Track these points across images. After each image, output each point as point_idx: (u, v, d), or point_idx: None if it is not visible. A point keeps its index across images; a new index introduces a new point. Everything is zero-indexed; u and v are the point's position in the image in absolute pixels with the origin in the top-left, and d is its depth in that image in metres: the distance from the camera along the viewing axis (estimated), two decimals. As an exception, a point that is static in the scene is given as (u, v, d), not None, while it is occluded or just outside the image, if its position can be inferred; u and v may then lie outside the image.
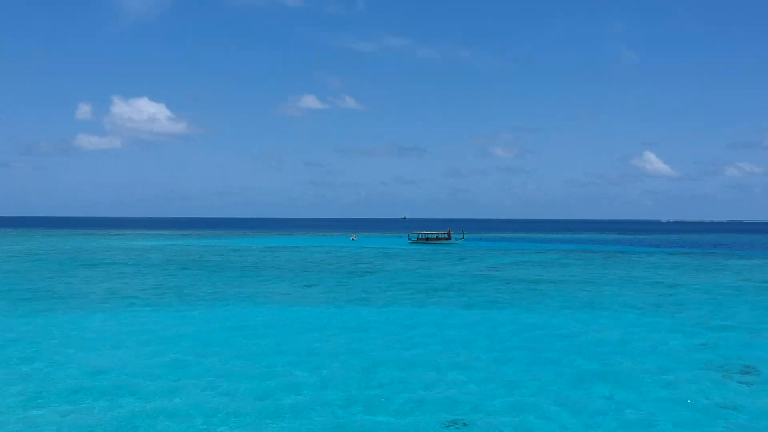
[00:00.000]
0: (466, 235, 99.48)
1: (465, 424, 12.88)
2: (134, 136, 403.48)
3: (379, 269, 47.73)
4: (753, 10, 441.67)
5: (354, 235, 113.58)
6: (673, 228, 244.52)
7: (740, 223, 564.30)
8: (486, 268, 49.05)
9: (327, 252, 70.14)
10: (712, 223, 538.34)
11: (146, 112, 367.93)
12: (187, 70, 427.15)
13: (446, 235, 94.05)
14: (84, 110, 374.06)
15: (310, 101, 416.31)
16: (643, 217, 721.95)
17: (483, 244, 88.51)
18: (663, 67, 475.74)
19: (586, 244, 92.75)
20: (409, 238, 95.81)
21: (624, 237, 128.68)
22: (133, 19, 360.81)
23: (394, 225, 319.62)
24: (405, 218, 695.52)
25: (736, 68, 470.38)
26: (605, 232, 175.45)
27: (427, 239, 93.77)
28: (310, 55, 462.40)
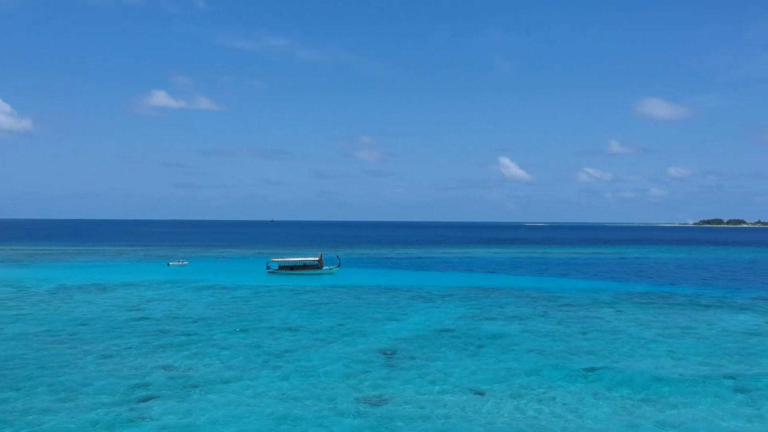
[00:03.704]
0: (341, 261, 78.74)
1: None
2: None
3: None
4: (616, 29, 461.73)
5: (180, 261, 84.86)
6: (558, 235, 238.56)
7: (600, 226, 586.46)
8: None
9: (86, 319, 46.50)
10: (575, 225, 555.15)
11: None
12: (31, 67, 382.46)
13: (317, 263, 72.97)
14: None
15: (162, 99, 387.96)
16: (508, 219, 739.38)
17: (364, 277, 68.18)
18: (530, 76, 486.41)
19: (540, 276, 74.84)
20: (268, 267, 73.77)
21: (567, 253, 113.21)
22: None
23: (261, 229, 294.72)
24: (272, 221, 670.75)
25: (587, 81, 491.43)
26: (509, 244, 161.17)
27: (291, 268, 72.25)
28: (160, 54, 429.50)
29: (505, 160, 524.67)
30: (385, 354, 29.96)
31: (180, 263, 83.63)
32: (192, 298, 50.11)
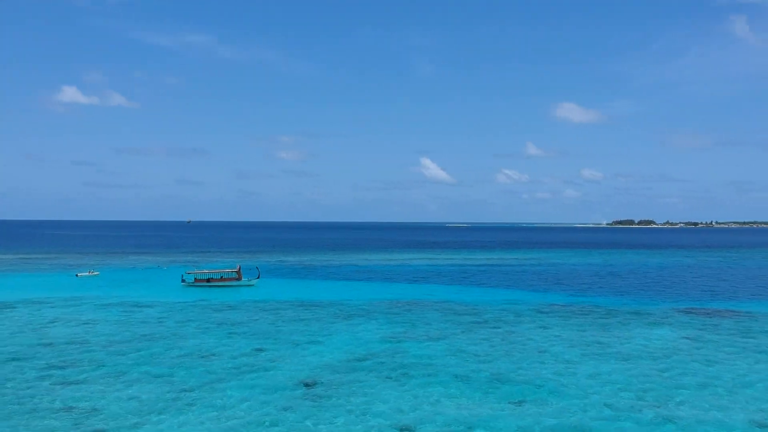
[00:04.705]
0: (260, 272, 76.63)
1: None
2: None
3: None
4: (534, 34, 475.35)
5: (89, 272, 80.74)
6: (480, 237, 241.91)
7: (517, 226, 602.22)
8: None
9: None
10: (494, 226, 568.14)
11: None
12: None
13: (235, 275, 70.67)
14: None
15: (72, 96, 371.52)
16: (430, 220, 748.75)
17: (285, 289, 66.36)
18: (451, 79, 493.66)
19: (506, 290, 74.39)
20: (183, 279, 70.81)
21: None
22: None
23: (178, 232, 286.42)
24: (189, 222, 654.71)
25: (506, 84, 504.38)
26: (429, 248, 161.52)
27: (208, 281, 69.61)
28: (70, 49, 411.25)
29: (427, 161, 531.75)
30: (305, 385, 28.61)
31: (90, 274, 79.40)
32: (101, 317, 47.19)
